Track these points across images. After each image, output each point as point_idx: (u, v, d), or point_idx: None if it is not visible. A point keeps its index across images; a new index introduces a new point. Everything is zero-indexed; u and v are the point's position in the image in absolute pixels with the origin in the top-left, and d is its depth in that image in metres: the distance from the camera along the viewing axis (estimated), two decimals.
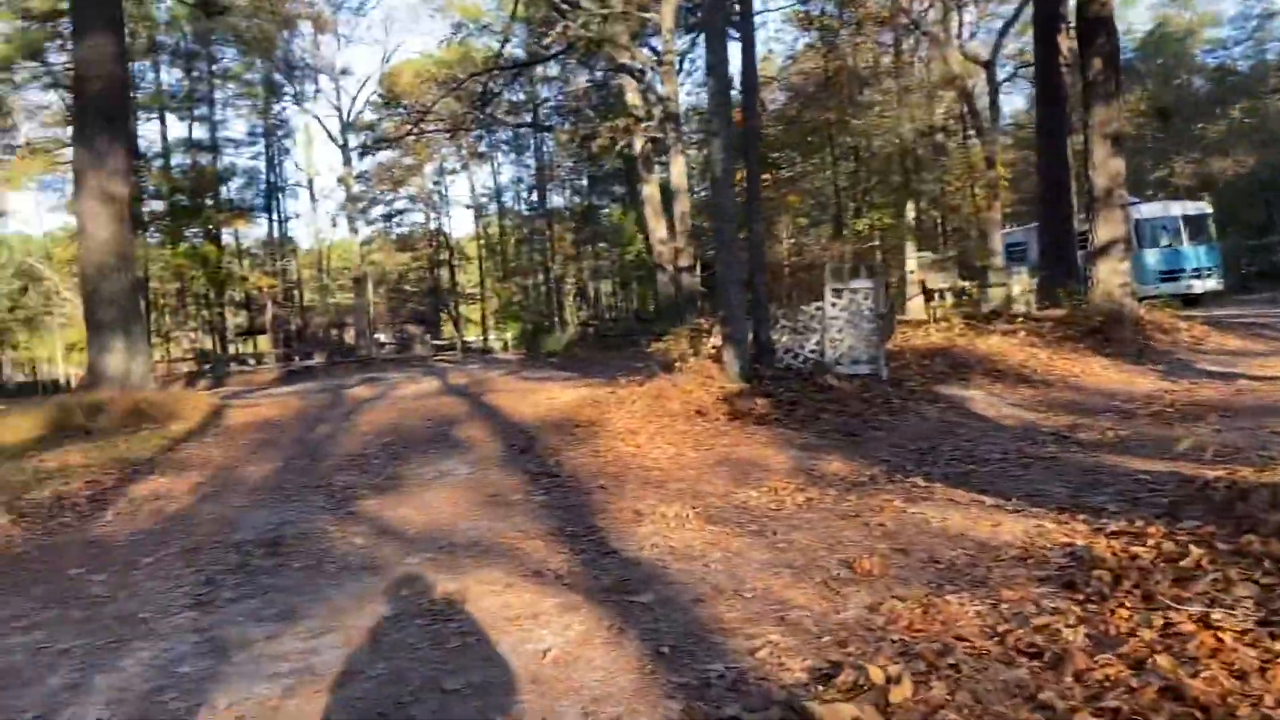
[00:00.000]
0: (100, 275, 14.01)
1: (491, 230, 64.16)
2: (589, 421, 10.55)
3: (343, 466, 9.18)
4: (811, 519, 6.20)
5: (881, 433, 9.31)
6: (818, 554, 5.35)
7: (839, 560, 5.19)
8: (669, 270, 27.21)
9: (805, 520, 6.17)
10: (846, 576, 4.90)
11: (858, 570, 4.98)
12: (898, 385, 11.34)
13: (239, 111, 51.47)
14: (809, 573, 5.01)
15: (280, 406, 15.39)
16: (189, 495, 7.98)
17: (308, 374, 32.82)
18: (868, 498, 6.66)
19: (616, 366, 20.75)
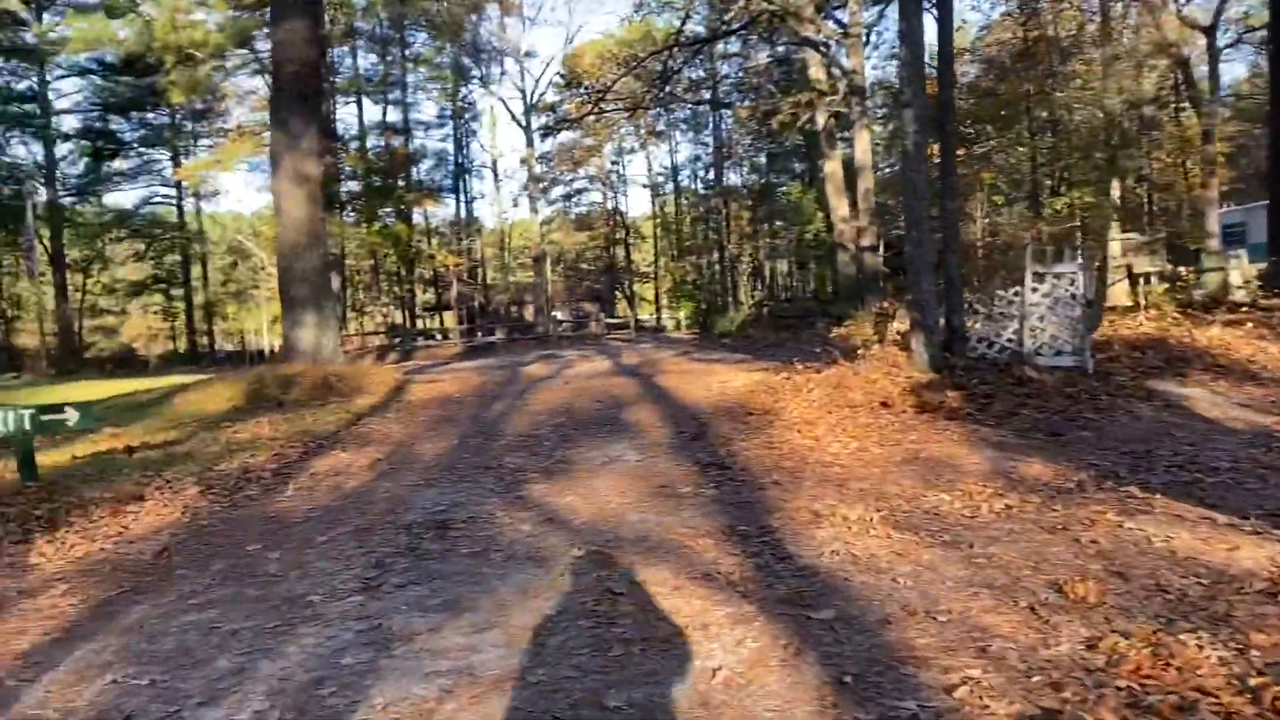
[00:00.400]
0: (294, 253, 14.61)
1: (667, 209, 64.21)
2: (763, 409, 10.10)
3: (514, 447, 9.09)
4: (1012, 530, 5.56)
5: (1088, 433, 8.43)
6: (1021, 573, 4.75)
7: (1046, 582, 4.57)
8: (850, 250, 26.25)
9: (1005, 531, 5.54)
10: (1056, 602, 4.30)
11: (1070, 595, 4.36)
12: (1105, 380, 10.31)
13: (429, 95, 53.39)
14: (1012, 595, 4.42)
15: (460, 382, 15.65)
16: (366, 471, 8.06)
17: (488, 350, 33.70)
18: (1076, 508, 5.94)
19: (792, 350, 20.15)
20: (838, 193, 26.32)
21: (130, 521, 6.40)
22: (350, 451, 8.94)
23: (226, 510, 6.76)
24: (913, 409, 9.22)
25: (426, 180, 54.56)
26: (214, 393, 12.95)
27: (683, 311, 48.73)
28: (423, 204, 45.33)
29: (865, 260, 25.21)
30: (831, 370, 11.24)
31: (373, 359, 33.74)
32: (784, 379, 12.01)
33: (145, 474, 7.52)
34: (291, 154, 14.57)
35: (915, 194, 10.33)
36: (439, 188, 54.01)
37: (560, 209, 61.51)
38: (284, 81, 14.64)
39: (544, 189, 59.31)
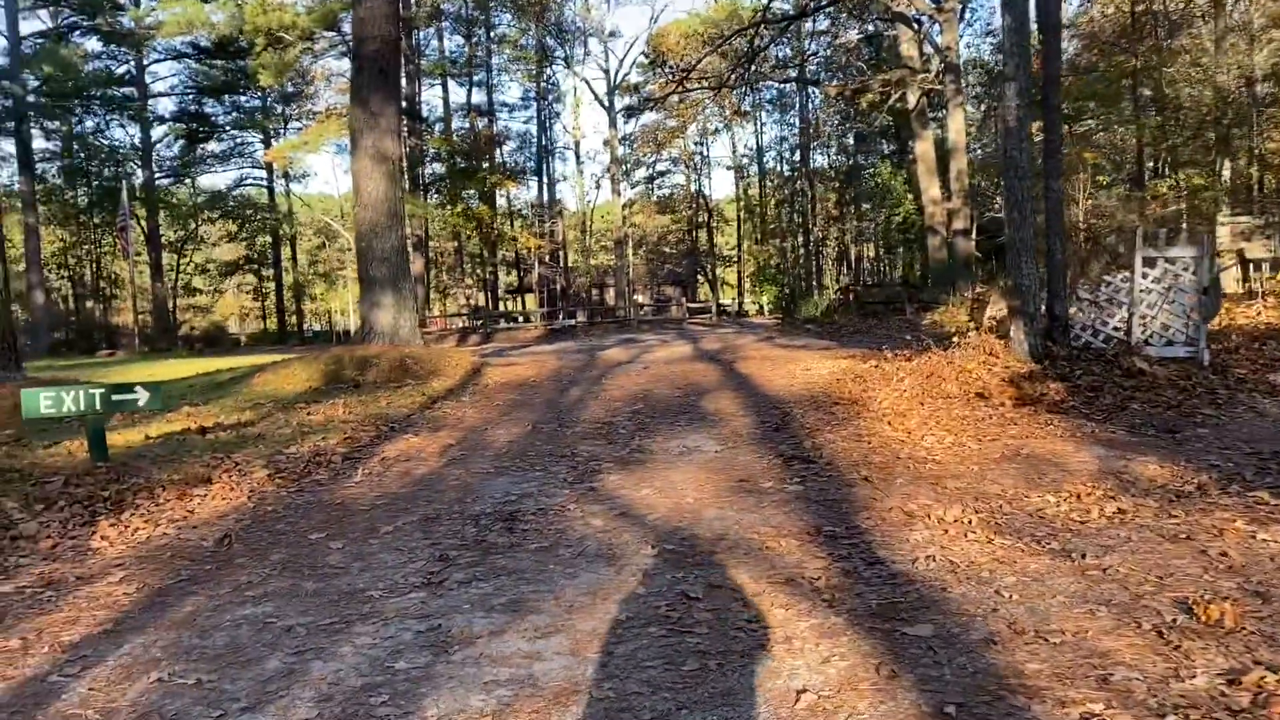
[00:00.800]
0: (372, 233, 14.56)
1: (751, 191, 63.38)
2: (850, 399, 9.63)
3: (588, 435, 8.81)
4: (1128, 538, 5.05)
5: (1206, 430, 7.78)
6: (1142, 588, 4.26)
7: (1173, 600, 4.08)
8: (941, 233, 25.38)
9: (1120, 539, 5.03)
10: (1187, 625, 3.81)
11: (1202, 618, 3.86)
12: (1223, 373, 9.58)
13: (513, 77, 53.59)
14: (1134, 614, 3.95)
15: (537, 366, 15.47)
16: (437, 457, 7.85)
17: (568, 333, 33.62)
18: (1200, 514, 5.39)
19: (879, 336, 19.51)
20: (929, 174, 25.45)
21: (196, 505, 6.27)
22: (422, 436, 8.76)
23: (293, 495, 6.60)
24: (1012, 401, 8.65)
25: (510, 162, 54.82)
26: (292, 373, 12.97)
27: (766, 296, 48.03)
28: (505, 186, 45.44)
29: (957, 244, 24.32)
30: (923, 358, 10.69)
31: (454, 341, 33.98)
32: (872, 367, 11.50)
33: (215, 456, 7.42)
34: (371, 132, 14.48)
35: (1017, 172, 9.70)
36: (522, 170, 54.22)
37: (643, 191, 61.16)
38: (364, 59, 14.56)
39: (627, 171, 59.07)
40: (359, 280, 15.45)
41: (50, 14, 40.05)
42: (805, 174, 53.39)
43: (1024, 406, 8.50)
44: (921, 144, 25.75)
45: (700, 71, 28.16)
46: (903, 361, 11.10)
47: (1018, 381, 9.03)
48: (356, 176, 14.87)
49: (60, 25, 39.35)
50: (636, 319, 37.40)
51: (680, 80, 27.93)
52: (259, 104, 48.40)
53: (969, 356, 9.90)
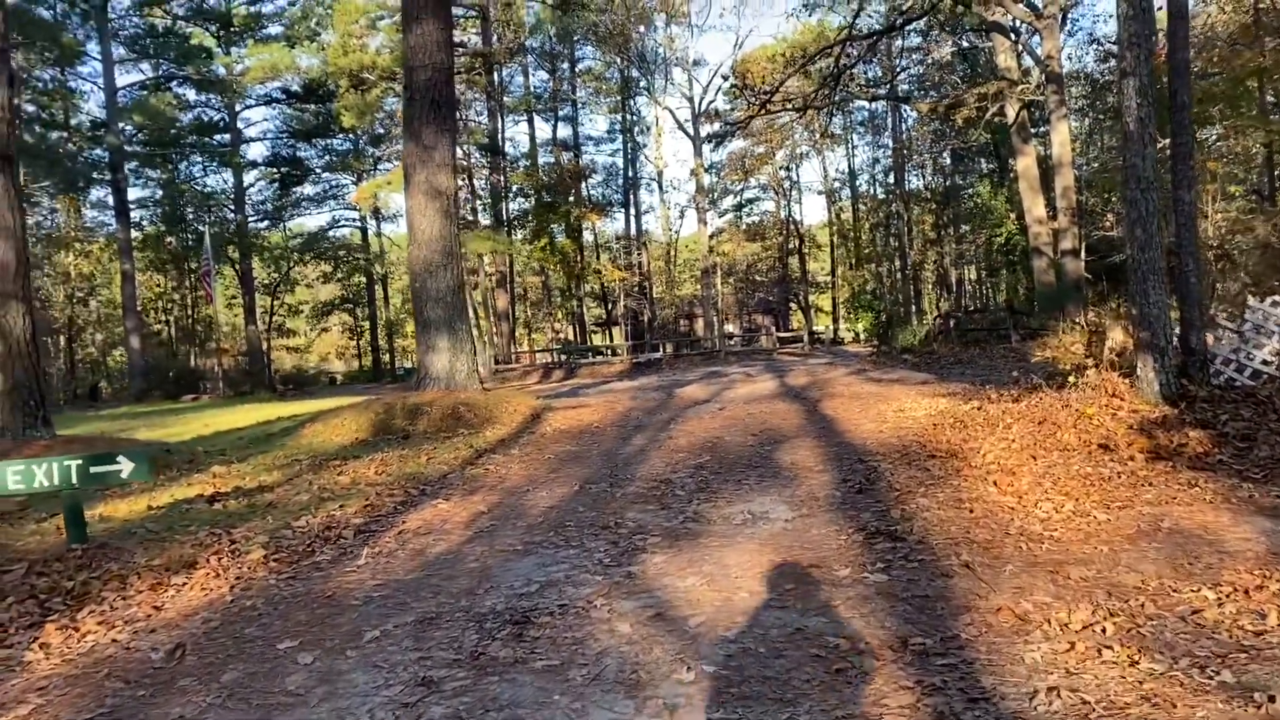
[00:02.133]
0: (427, 272, 13.79)
1: (844, 215, 61.76)
2: (948, 451, 8.31)
3: (640, 497, 7.71)
4: None
5: None
6: None
7: None
8: (1047, 255, 23.58)
9: None
10: None
11: None
12: None
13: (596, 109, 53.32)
14: None
15: (604, 408, 14.48)
16: (461, 530, 6.86)
17: (652, 367, 32.66)
18: None
19: (982, 368, 17.96)
20: (1032, 191, 23.70)
21: (169, 598, 5.39)
22: (453, 501, 7.78)
23: (283, 584, 5.66)
24: (1144, 454, 7.24)
25: (596, 195, 54.46)
26: (341, 424, 12.24)
27: (861, 324, 46.24)
28: (589, 219, 44.89)
29: (1066, 266, 22.49)
30: (1033, 400, 9.31)
31: (537, 377, 33.35)
32: (974, 409, 10.13)
33: (213, 532, 6.57)
34: (424, 166, 13.76)
35: (1139, 183, 8.29)
36: (608, 202, 53.74)
37: (731, 219, 60.09)
38: (416, 89, 13.87)
39: (714, 199, 58.13)
40: (415, 322, 14.73)
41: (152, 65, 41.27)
42: (900, 196, 51.58)
43: (1159, 461, 7.07)
44: (1023, 160, 24.01)
45: (785, 93, 26.99)
46: (1009, 403, 9.73)
47: (1149, 429, 7.60)
48: (410, 213, 14.16)
49: (159, 75, 40.45)
50: (724, 351, 36.18)
51: (763, 104, 26.78)
52: (350, 146, 49.07)
53: (1088, 398, 8.49)
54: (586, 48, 48.91)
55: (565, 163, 48.44)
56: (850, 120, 56.88)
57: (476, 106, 43.41)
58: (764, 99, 26.69)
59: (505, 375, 35.13)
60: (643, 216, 57.15)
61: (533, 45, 46.92)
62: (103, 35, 36.76)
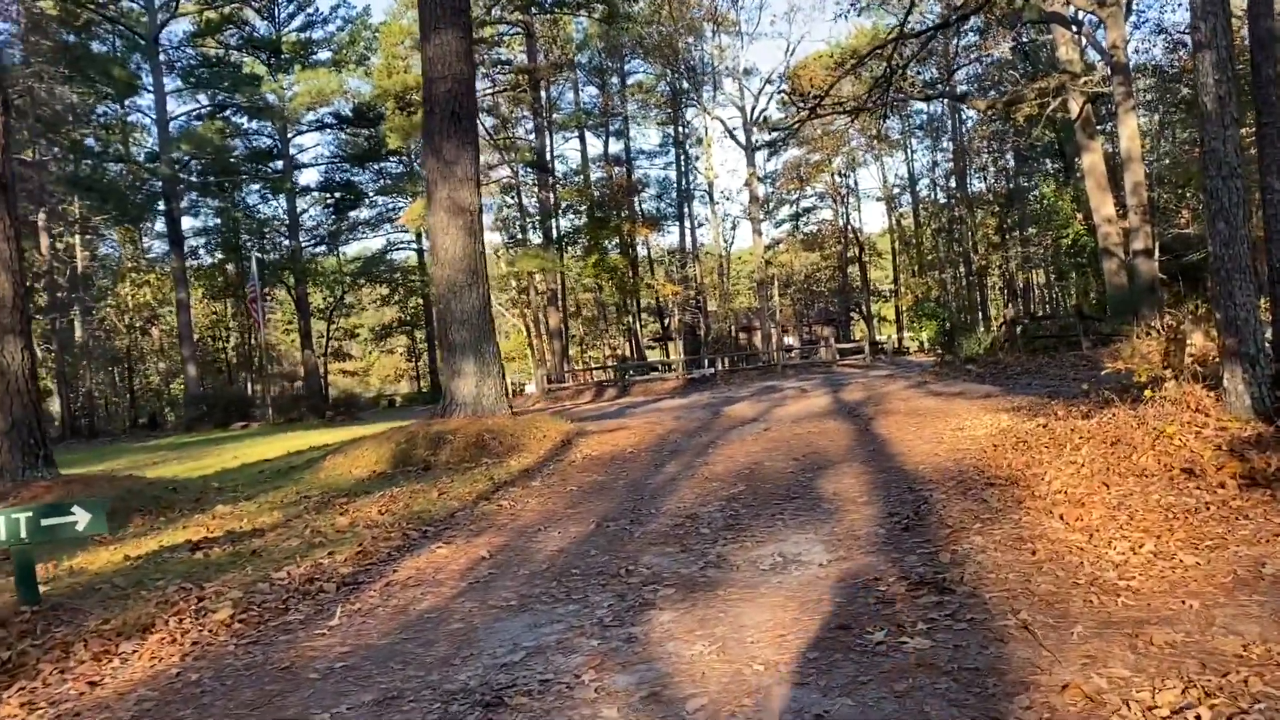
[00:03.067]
0: (451, 293, 13.18)
1: (905, 222, 60.39)
2: (1009, 477, 7.41)
3: (661, 536, 6.94)
4: None
5: None
6: None
7: None
8: (1118, 256, 22.27)
9: None
10: None
11: None
12: None
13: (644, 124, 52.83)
14: None
15: (643, 431, 13.74)
16: (456, 580, 6.16)
17: (706, 383, 31.85)
18: None
19: (1050, 378, 16.84)
20: (1100, 190, 22.41)
21: (111, 670, 4.78)
22: (455, 544, 7.10)
23: (240, 651, 5.02)
24: (1236, 480, 6.26)
25: (650, 209, 53.93)
26: (361, 455, 11.68)
27: (925, 332, 44.83)
28: (641, 233, 44.30)
29: (1138, 266, 21.17)
30: (1104, 416, 8.34)
31: (590, 395, 32.76)
32: (1039, 426, 9.19)
33: (185, 586, 5.97)
34: (446, 182, 13.17)
35: (1220, 169, 7.32)
36: (661, 216, 53.15)
37: (788, 229, 59.04)
38: (435, 101, 13.30)
39: (769, 209, 57.22)
40: (439, 345, 14.14)
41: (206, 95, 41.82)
42: (962, 199, 50.11)
43: (1255, 489, 6.10)
44: (1089, 156, 22.73)
45: (835, 96, 26.08)
46: (1078, 420, 8.77)
47: (1241, 450, 6.62)
48: (432, 231, 13.57)
49: (212, 104, 40.93)
50: (780, 364, 35.18)
51: (813, 108, 25.88)
52: (402, 169, 49.23)
53: (1167, 415, 7.51)
54: (635, 60, 48.44)
55: (616, 178, 47.99)
56: (908, 124, 55.63)
57: (525, 125, 43.18)
58: (814, 103, 25.79)
59: (557, 394, 34.61)
60: (697, 230, 56.45)
61: (581, 60, 46.60)
62: (154, 68, 37.29)
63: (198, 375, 37.50)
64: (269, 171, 43.71)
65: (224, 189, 42.00)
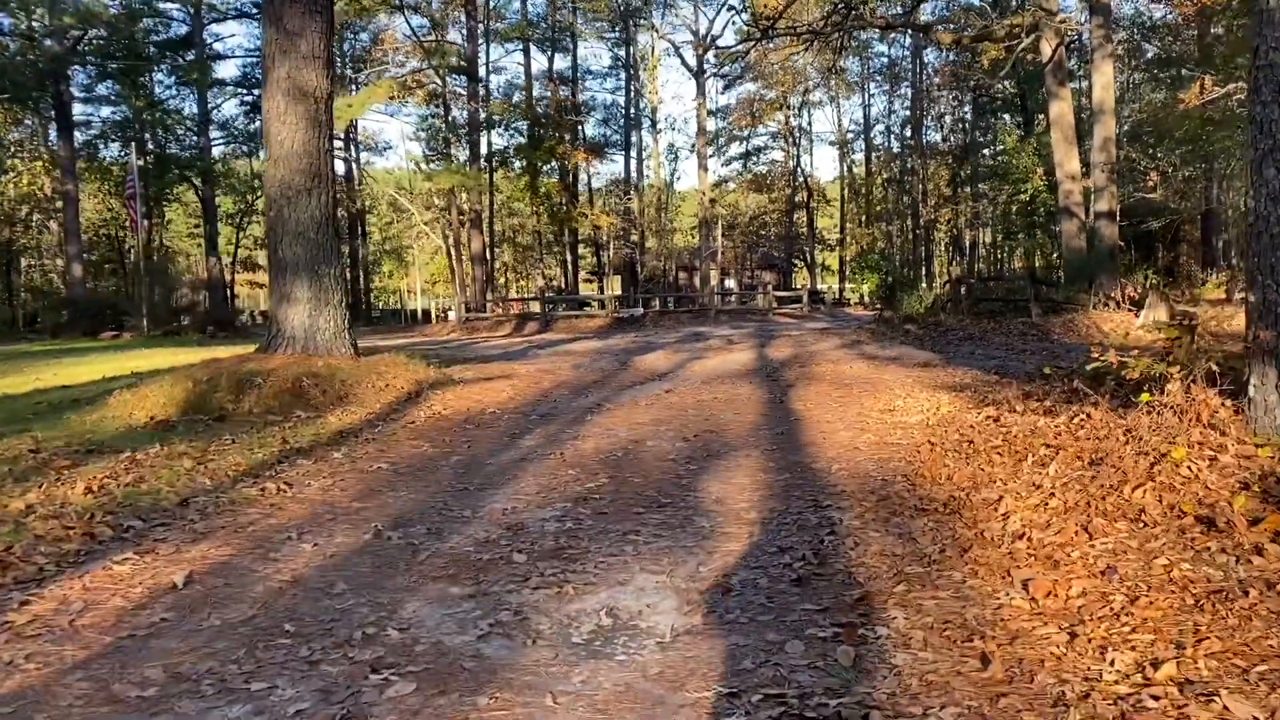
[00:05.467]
0: (284, 198, 10.72)
1: (857, 170, 58.49)
2: (950, 501, 5.43)
3: (455, 563, 4.82)
4: None
5: None
6: None
7: None
8: (1078, 217, 20.44)
9: None
10: None
11: None
12: None
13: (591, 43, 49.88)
14: None
15: (526, 382, 11.64)
16: (96, 634, 3.97)
17: (635, 324, 29.79)
18: None
19: (996, 347, 15.03)
20: (1066, 143, 20.44)
21: None
22: (152, 557, 4.87)
23: None
24: (1271, 537, 4.32)
25: (595, 135, 51.16)
26: (149, 395, 9.36)
27: (866, 285, 43.15)
28: (578, 158, 41.59)
29: (1101, 230, 19.37)
30: (1076, 415, 6.40)
31: (508, 329, 30.50)
32: (989, 419, 7.25)
33: None
34: (286, 59, 10.63)
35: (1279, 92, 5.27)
36: (606, 143, 50.44)
37: (736, 168, 56.67)
38: None
39: (719, 147, 54.75)
40: (268, 263, 11.75)
41: None
42: (917, 149, 48.19)
43: None
44: (1057, 105, 20.69)
45: (791, 19, 23.67)
46: (1039, 416, 6.82)
47: (1276, 487, 4.68)
48: (266, 119, 11.02)
49: None
50: (714, 309, 33.13)
51: (766, 29, 23.51)
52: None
53: (1168, 428, 5.54)
54: None
55: (559, 97, 45.12)
56: (867, 67, 53.44)
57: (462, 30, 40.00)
58: (766, 25, 23.41)
59: (475, 325, 32.28)
60: (644, 161, 53.77)
61: None
62: None
63: (82, 276, 34.24)
64: (180, 60, 39.96)
65: (126, 75, 38.27)
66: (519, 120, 40.16)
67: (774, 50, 38.94)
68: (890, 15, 23.93)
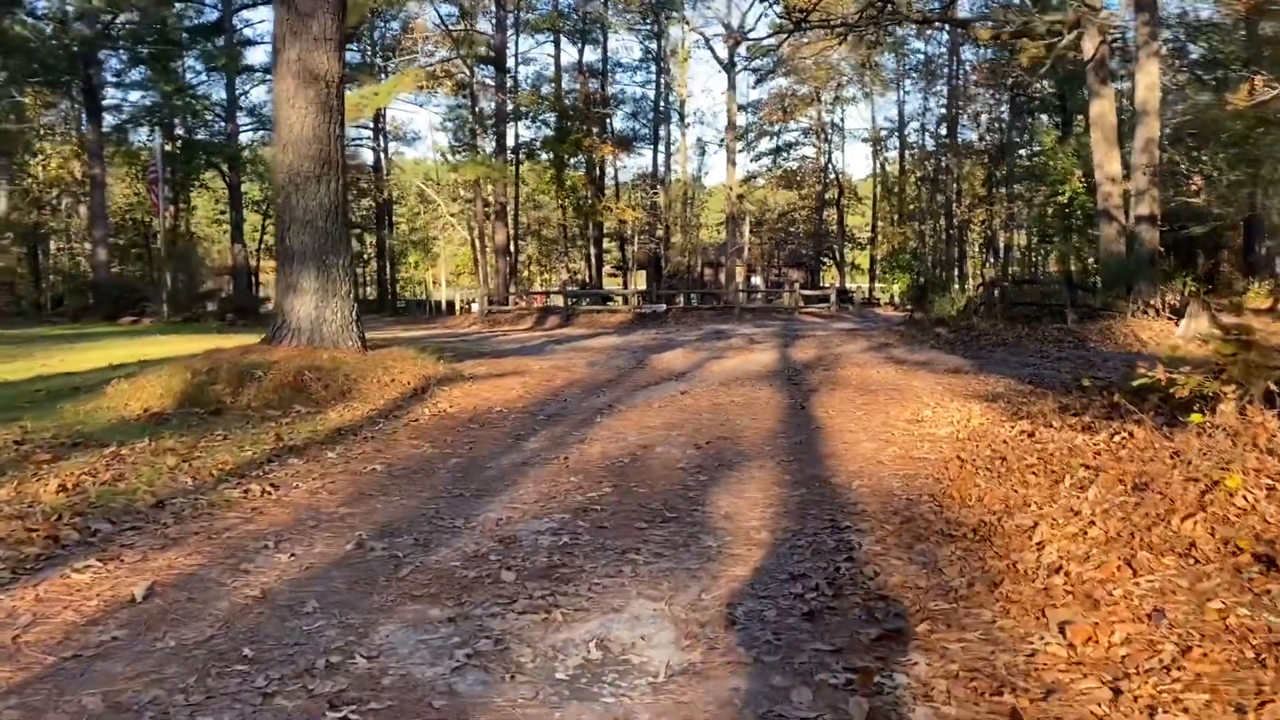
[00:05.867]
0: (293, 184, 10.39)
1: (890, 168, 57.62)
2: (979, 526, 5.00)
3: (439, 579, 4.46)
4: None
5: None
6: None
7: None
8: (1118, 221, 19.79)
9: None
10: None
11: None
12: None
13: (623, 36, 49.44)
14: None
15: (537, 380, 11.28)
16: (39, 654, 3.67)
17: (656, 320, 29.38)
18: None
19: (1031, 355, 14.49)
20: (1107, 143, 19.78)
21: None
22: (116, 564, 4.54)
23: None
24: None
25: (624, 129, 50.71)
26: (147, 386, 9.07)
27: (897, 285, 42.43)
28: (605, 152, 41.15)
29: (1141, 234, 18.71)
30: (1116, 433, 5.95)
31: (530, 322, 30.21)
32: (1023, 434, 6.81)
33: None
34: (297, 40, 10.30)
35: None
36: (634, 137, 49.96)
37: (766, 164, 55.94)
38: None
39: (749, 142, 54.12)
40: (276, 251, 11.43)
41: None
42: (951, 148, 47.35)
43: None
44: (1099, 104, 20.01)
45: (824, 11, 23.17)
46: (1077, 432, 6.38)
47: None
48: (277, 103, 10.69)
49: None
50: (739, 306, 32.62)
51: (799, 22, 23.02)
52: (359, 60, 45.52)
53: (1219, 452, 5.09)
54: None
55: (588, 90, 44.72)
56: (903, 64, 52.61)
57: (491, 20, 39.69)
58: (800, 18, 22.91)
59: (496, 318, 32.02)
60: (672, 157, 53.26)
61: None
62: None
63: (107, 260, 34.25)
64: (210, 46, 39.94)
65: (156, 60, 38.32)
66: (546, 112, 39.80)
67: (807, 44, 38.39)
68: (927, 10, 23.34)
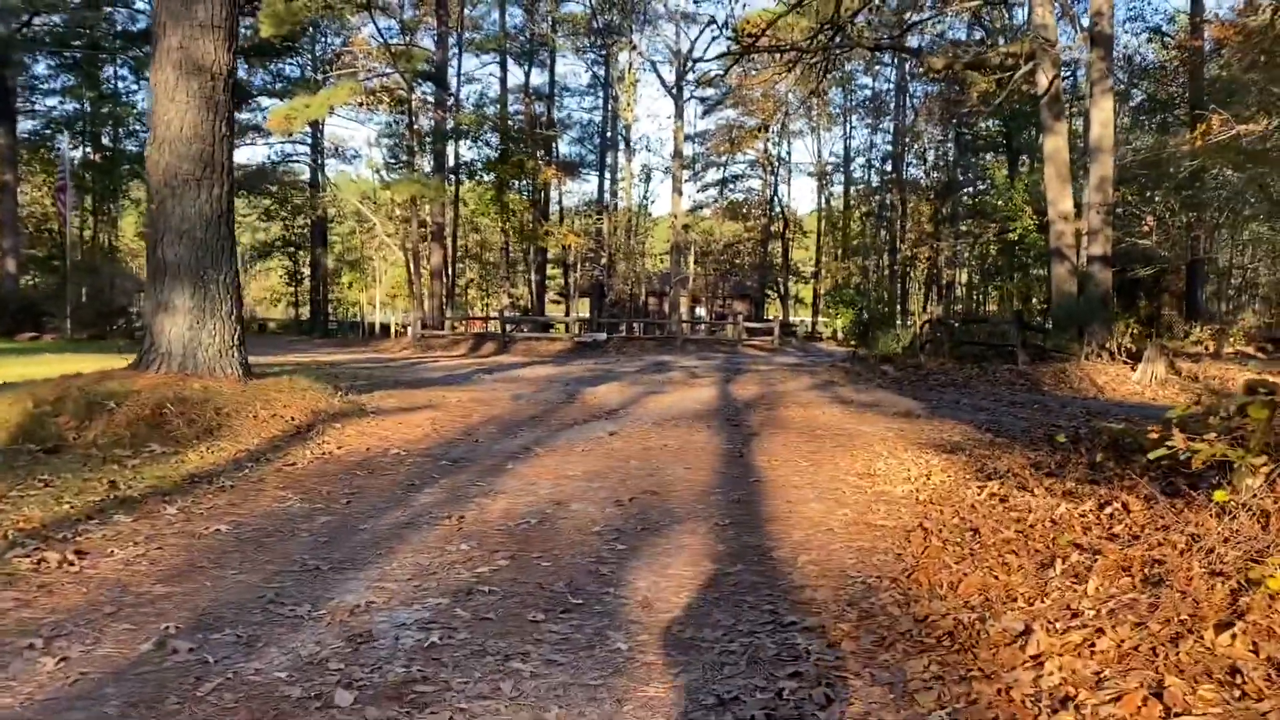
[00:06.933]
0: (169, 188, 9.11)
1: (835, 202, 57.57)
2: (955, 629, 3.98)
3: (269, 691, 3.33)
4: None
5: None
6: None
7: None
8: (1069, 260, 19.25)
9: None
10: None
11: None
12: None
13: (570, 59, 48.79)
14: None
15: (452, 415, 10.13)
16: None
17: (596, 349, 28.34)
18: None
19: (984, 398, 13.69)
20: (1060, 180, 19.25)
21: None
22: None
23: None
24: None
25: (571, 154, 49.92)
26: None
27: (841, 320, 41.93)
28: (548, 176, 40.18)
29: (1095, 275, 18.16)
30: (1108, 507, 5.04)
31: (464, 349, 29.00)
32: (994, 497, 5.88)
33: None
34: (180, 25, 9.04)
35: None
36: (580, 162, 49.17)
37: (712, 194, 55.58)
38: None
39: (696, 172, 53.64)
40: (146, 263, 10.15)
41: None
42: (897, 183, 47.24)
43: None
44: (1052, 140, 19.52)
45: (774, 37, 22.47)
46: (1059, 499, 5.46)
47: None
48: (154, 96, 9.39)
49: None
50: (683, 337, 31.73)
51: (746, 48, 22.32)
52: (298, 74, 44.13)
53: (1251, 540, 4.15)
54: None
55: (534, 113, 43.80)
56: (850, 100, 52.66)
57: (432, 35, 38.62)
58: (749, 42, 22.22)
59: (431, 343, 30.69)
60: (618, 183, 52.49)
61: None
62: None
63: (16, 272, 32.25)
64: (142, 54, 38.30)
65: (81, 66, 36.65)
66: (489, 133, 38.72)
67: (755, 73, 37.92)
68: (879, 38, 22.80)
